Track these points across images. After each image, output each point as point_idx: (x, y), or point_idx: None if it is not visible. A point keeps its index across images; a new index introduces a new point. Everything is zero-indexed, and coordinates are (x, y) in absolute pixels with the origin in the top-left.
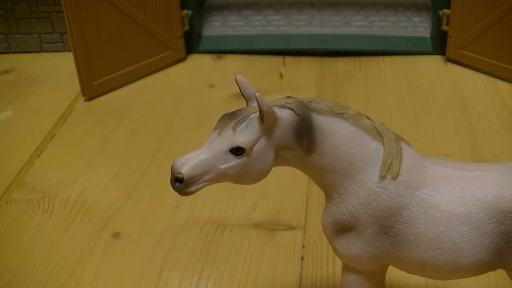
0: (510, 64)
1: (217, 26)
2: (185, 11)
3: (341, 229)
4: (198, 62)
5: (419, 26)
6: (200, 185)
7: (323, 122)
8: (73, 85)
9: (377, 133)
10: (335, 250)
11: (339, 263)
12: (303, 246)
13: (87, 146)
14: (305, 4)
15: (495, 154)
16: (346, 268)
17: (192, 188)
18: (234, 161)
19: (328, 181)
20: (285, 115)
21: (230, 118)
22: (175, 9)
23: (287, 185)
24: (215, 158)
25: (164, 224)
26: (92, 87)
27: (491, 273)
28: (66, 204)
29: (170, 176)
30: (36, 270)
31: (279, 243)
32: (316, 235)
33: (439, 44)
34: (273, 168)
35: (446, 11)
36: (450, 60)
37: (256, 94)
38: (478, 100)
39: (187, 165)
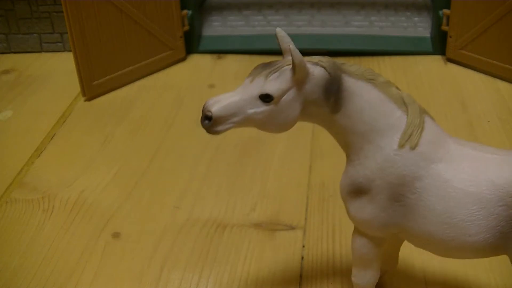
0: (510, 64)
1: (217, 26)
2: (185, 11)
3: (356, 191)
4: (198, 62)
5: (419, 26)
6: (227, 126)
7: (352, 84)
8: (73, 85)
9: (403, 103)
10: (348, 211)
11: (339, 264)
12: (303, 246)
13: (87, 146)
14: (305, 4)
15: None
16: (357, 231)
17: (219, 128)
18: (262, 107)
19: (349, 142)
20: (316, 72)
21: (265, 67)
22: (175, 9)
23: (287, 185)
24: (245, 102)
25: (164, 224)
26: (92, 87)
27: (491, 273)
28: (66, 204)
29: (201, 114)
30: (36, 270)
31: (279, 243)
32: (316, 235)
33: (439, 44)
34: (273, 168)
35: (446, 11)
36: (450, 60)
37: (291, 46)
38: (478, 100)
39: (218, 105)
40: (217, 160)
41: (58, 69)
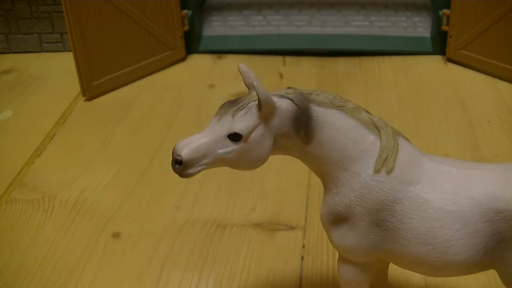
0: (510, 64)
1: (217, 26)
2: (185, 11)
3: (336, 219)
4: (198, 62)
5: (419, 26)
6: (198, 168)
7: (322, 114)
8: (73, 85)
9: (375, 127)
10: (330, 240)
11: None
12: (303, 246)
13: (87, 146)
14: (305, 4)
15: (495, 154)
16: (342, 259)
17: (191, 171)
18: (232, 147)
19: (325, 171)
20: (284, 105)
21: (231, 105)
22: (175, 9)
23: (287, 185)
24: (214, 143)
25: (164, 224)
26: (92, 87)
27: (491, 274)
28: (66, 204)
29: (171, 158)
30: (36, 270)
31: (279, 243)
32: (316, 235)
33: (439, 44)
34: (273, 168)
35: (446, 11)
36: (450, 60)
37: (255, 82)
38: (478, 100)
39: (187, 148)
40: None
41: (58, 69)
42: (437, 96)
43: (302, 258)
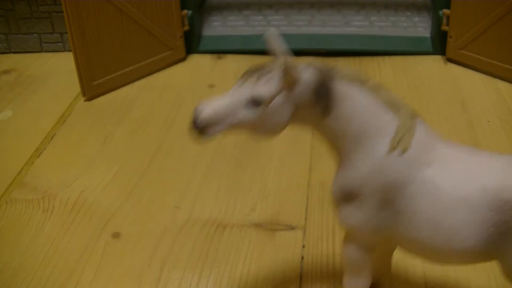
0: (510, 64)
1: (217, 26)
2: (185, 11)
3: (346, 196)
4: (198, 62)
5: (419, 26)
6: (218, 129)
7: (343, 88)
8: (73, 85)
9: (394, 106)
10: (338, 217)
11: (338, 264)
12: (303, 246)
13: (87, 146)
14: (305, 4)
15: None
16: (347, 237)
17: (209, 131)
18: (252, 111)
19: (340, 145)
20: (307, 75)
21: (255, 71)
22: (175, 9)
23: (287, 185)
24: (235, 105)
25: (164, 224)
26: (92, 87)
27: (491, 273)
28: (66, 204)
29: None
30: (36, 270)
31: (279, 243)
32: (316, 235)
33: (439, 44)
34: (273, 168)
35: (446, 11)
36: (450, 60)
37: (281, 50)
38: (478, 100)
39: (207, 109)
40: (217, 160)
41: (58, 69)
42: (437, 96)
43: (302, 258)
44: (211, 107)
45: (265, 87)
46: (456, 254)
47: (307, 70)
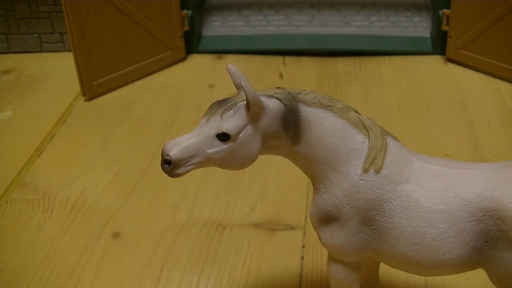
0: (510, 64)
1: (217, 26)
2: (185, 11)
3: (325, 219)
4: (198, 62)
5: (419, 26)
6: (188, 168)
7: (310, 113)
8: (73, 85)
9: (363, 127)
10: (320, 239)
11: None
12: (303, 246)
13: (87, 146)
14: (305, 4)
15: (495, 154)
16: (331, 258)
17: (180, 170)
18: (220, 147)
19: (314, 171)
20: (272, 105)
21: (219, 105)
22: (175, 9)
23: (287, 185)
24: (203, 143)
25: (164, 224)
26: (92, 87)
27: None
28: (66, 204)
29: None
30: (36, 270)
31: (279, 243)
32: (316, 235)
33: (439, 44)
34: (273, 168)
35: (446, 11)
36: (450, 60)
37: (242, 83)
38: (478, 100)
39: (175, 148)
40: None
41: (58, 69)
42: (437, 96)
43: (302, 258)
44: (179, 146)
45: (231, 121)
46: (441, 266)
47: (271, 99)
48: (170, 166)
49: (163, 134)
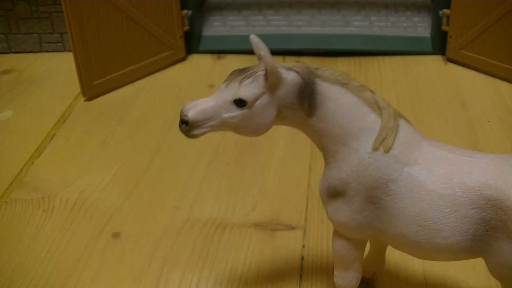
0: (510, 64)
1: (217, 26)
2: (185, 11)
3: (333, 193)
4: (198, 62)
5: (419, 26)
6: (203, 130)
7: (326, 89)
8: (73, 85)
9: (377, 107)
10: (326, 213)
11: None
12: (303, 246)
13: (87, 146)
14: (305, 4)
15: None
16: (336, 233)
17: (196, 131)
18: (237, 112)
19: (325, 145)
20: (290, 77)
21: (239, 73)
22: (175, 9)
23: (287, 185)
24: (220, 107)
25: (164, 224)
26: (92, 87)
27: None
28: (66, 204)
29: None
30: (36, 270)
31: (279, 243)
32: (316, 235)
33: (439, 44)
34: (273, 168)
35: (446, 11)
36: (450, 60)
37: (263, 52)
38: (478, 100)
39: (194, 109)
40: (217, 160)
41: (58, 69)
42: (437, 96)
43: (302, 258)
44: (197, 108)
45: (249, 89)
46: (441, 250)
47: (289, 72)
48: (187, 126)
49: (163, 134)
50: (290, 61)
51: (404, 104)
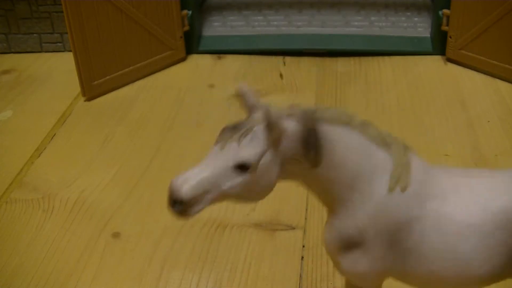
0: (510, 64)
1: (217, 26)
2: (185, 11)
3: (347, 245)
4: (198, 62)
5: (419, 26)
6: (201, 206)
7: (330, 132)
8: (73, 85)
9: (385, 143)
10: (338, 266)
11: None
12: (303, 246)
13: (87, 146)
14: (305, 4)
15: (495, 154)
16: (351, 286)
17: (193, 211)
18: (238, 179)
19: (334, 194)
20: (291, 126)
21: (233, 130)
22: (175, 9)
23: (287, 185)
24: (218, 176)
25: (164, 224)
26: (92, 87)
27: None
28: (66, 204)
29: (167, 197)
30: (36, 270)
31: (279, 243)
32: (316, 235)
33: (439, 44)
34: None
35: (446, 11)
36: (450, 60)
37: (264, 106)
38: (478, 100)
39: (187, 185)
40: None
41: (58, 69)
42: (437, 96)
43: (302, 258)
44: (190, 182)
45: (250, 148)
46: (472, 281)
47: (289, 120)
48: (181, 205)
49: (163, 134)
50: (290, 61)
51: (404, 104)
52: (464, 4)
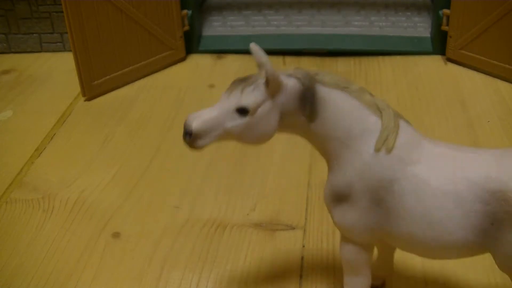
0: (510, 64)
1: (217, 26)
2: (185, 11)
3: (338, 198)
4: (198, 62)
5: (419, 26)
6: (207, 140)
7: (327, 93)
8: (73, 85)
9: (377, 108)
10: (332, 219)
11: (339, 264)
12: (303, 246)
13: (87, 146)
14: (305, 4)
15: None
16: (343, 239)
17: (200, 142)
18: (239, 120)
19: (328, 149)
20: (290, 83)
21: (241, 81)
22: (175, 9)
23: (287, 185)
24: (223, 116)
25: (164, 224)
26: (92, 87)
27: (491, 273)
28: (66, 204)
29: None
30: (36, 270)
31: (279, 243)
32: (316, 235)
33: (439, 44)
34: (273, 168)
35: (446, 11)
36: (450, 60)
37: (263, 60)
38: (478, 100)
39: (197, 120)
40: (217, 160)
41: (58, 69)
42: (437, 96)
43: (302, 258)
44: (200, 118)
45: (250, 96)
46: (448, 247)
47: (290, 78)
48: (191, 137)
49: (163, 134)
50: (290, 61)
51: (404, 104)
52: (464, 4)
